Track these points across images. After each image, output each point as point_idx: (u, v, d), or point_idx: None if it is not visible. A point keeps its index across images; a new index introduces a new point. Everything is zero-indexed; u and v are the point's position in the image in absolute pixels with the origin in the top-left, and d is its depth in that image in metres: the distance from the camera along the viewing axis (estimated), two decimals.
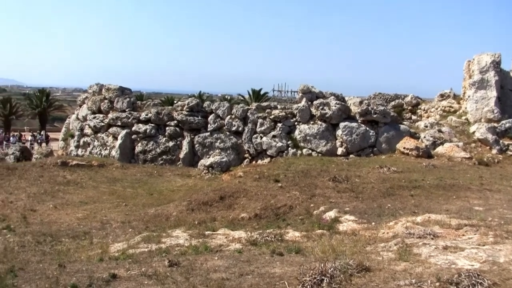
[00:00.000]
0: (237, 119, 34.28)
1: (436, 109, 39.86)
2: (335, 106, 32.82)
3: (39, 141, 57.36)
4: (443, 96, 39.95)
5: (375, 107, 33.13)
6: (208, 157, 33.02)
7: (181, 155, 34.03)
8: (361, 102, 34.38)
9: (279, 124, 33.40)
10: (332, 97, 34.71)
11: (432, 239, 11.29)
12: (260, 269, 10.03)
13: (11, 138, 58.39)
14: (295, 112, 33.61)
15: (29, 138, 59.10)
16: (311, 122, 33.16)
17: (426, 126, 34.80)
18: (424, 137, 32.04)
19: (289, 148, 32.66)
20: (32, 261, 13.17)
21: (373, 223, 15.06)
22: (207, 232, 15.03)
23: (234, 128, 34.11)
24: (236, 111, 34.47)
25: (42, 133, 61.24)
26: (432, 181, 22.03)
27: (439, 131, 32.77)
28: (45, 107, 72.12)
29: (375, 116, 32.52)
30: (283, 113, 33.62)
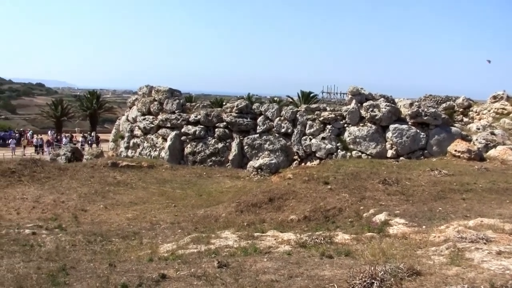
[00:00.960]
0: (286, 121, 34.18)
1: (489, 111, 39.12)
2: (385, 108, 32.43)
3: (89, 142, 58.18)
4: (495, 98, 39.20)
5: (425, 109, 32.60)
6: (257, 159, 33.01)
7: (230, 157, 34.10)
8: (411, 104, 33.84)
9: (329, 126, 33.16)
10: (382, 99, 34.29)
11: (485, 243, 11.01)
12: (310, 272, 9.94)
13: (63, 139, 59.40)
14: (344, 114, 33.33)
15: (80, 139, 60.00)
16: (361, 124, 32.82)
17: (478, 129, 34.13)
18: (476, 139, 31.39)
19: (339, 150, 32.39)
20: (83, 260, 13.34)
21: (423, 227, 14.81)
22: (256, 234, 14.98)
23: (283, 130, 34.01)
24: (286, 113, 34.37)
25: (92, 134, 62.07)
26: (484, 184, 21.56)
27: (492, 133, 32.07)
28: (96, 109, 73.06)
29: (425, 118, 32.02)
30: (333, 115, 33.37)
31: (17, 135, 65.03)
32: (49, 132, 67.23)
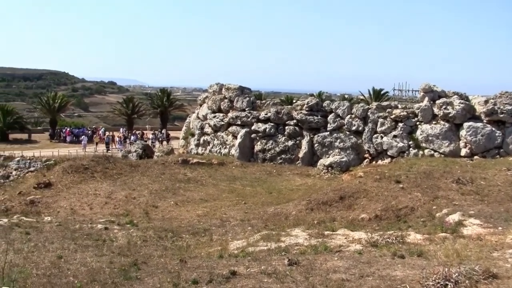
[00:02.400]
0: (357, 119, 33.84)
1: None
2: (459, 106, 31.68)
3: (160, 139, 58.98)
4: None
5: (501, 107, 31.66)
6: (328, 157, 32.82)
7: (300, 155, 34.01)
8: (486, 101, 32.89)
9: (400, 124, 32.63)
10: (455, 96, 33.48)
11: None
12: (381, 271, 9.79)
13: (131, 137, 60.46)
14: (416, 112, 32.72)
15: (151, 136, 60.92)
16: (434, 122, 32.15)
17: None
18: None
19: (410, 149, 31.84)
20: (154, 255, 13.51)
21: (499, 228, 14.34)
22: (326, 232, 14.85)
23: (354, 128, 33.69)
24: (356, 110, 34.03)
25: (163, 131, 62.90)
26: None
27: None
28: (166, 107, 73.87)
29: (501, 116, 31.12)
30: (404, 113, 32.83)
31: (89, 132, 66.59)
32: (120, 129, 68.56)
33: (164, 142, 57.21)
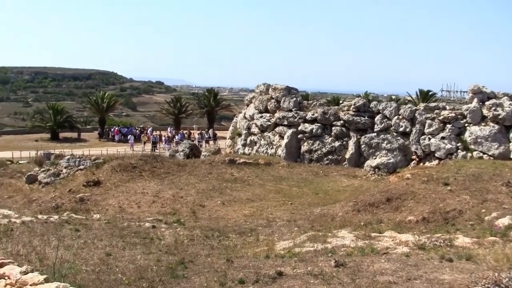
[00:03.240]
0: (404, 120, 33.49)
1: None
2: (509, 107, 31.05)
3: (206, 139, 59.38)
4: None
5: None
6: (375, 158, 32.61)
7: (347, 155, 33.86)
8: None
9: (448, 126, 32.14)
10: (506, 97, 32.82)
11: None
12: (429, 275, 9.74)
13: (176, 136, 61.07)
14: (465, 113, 32.20)
15: (197, 136, 61.41)
16: (483, 124, 31.58)
17: None
18: None
19: (459, 151, 31.35)
20: (200, 254, 13.64)
21: None
22: (373, 234, 14.79)
23: (401, 129, 33.35)
24: (404, 111, 33.68)
25: (209, 131, 63.32)
26: None
27: None
28: (213, 106, 74.45)
29: None
30: (453, 114, 32.34)
31: (137, 131, 67.50)
32: (168, 128, 69.30)
33: (211, 142, 57.59)
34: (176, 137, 60.25)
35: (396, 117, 33.74)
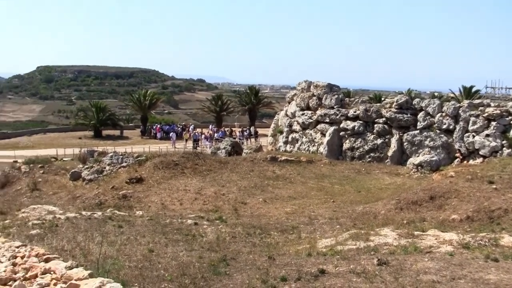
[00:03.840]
0: (448, 117, 33.04)
1: None
2: None
3: (246, 136, 59.44)
4: None
5: None
6: (417, 156, 32.26)
7: (389, 153, 33.59)
8: None
9: (493, 123, 31.57)
10: None
11: None
12: (473, 274, 9.61)
13: (215, 133, 61.29)
14: (510, 110, 31.61)
15: (239, 133, 61.56)
16: None
17: None
18: None
19: (504, 148, 30.78)
20: (242, 251, 13.66)
21: None
22: (416, 232, 14.63)
23: (444, 126, 32.91)
24: (447, 108, 33.24)
25: (251, 129, 63.37)
26: None
27: None
28: (255, 104, 74.49)
29: None
30: (498, 111, 31.76)
31: (179, 129, 67.95)
32: (210, 126, 69.62)
33: (253, 139, 57.64)
34: (216, 134, 60.49)
35: (440, 114, 33.32)
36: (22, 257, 6.81)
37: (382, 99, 39.83)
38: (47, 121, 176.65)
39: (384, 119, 34.60)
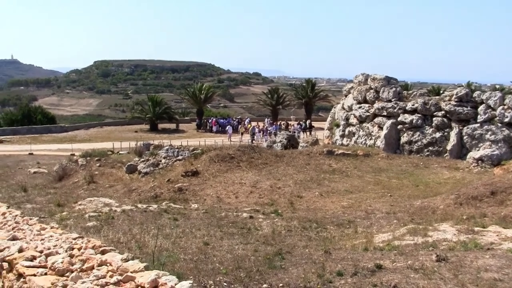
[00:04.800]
0: (510, 110, 32.13)
1: None
2: None
3: (298, 130, 59.29)
4: None
5: None
6: (478, 150, 31.55)
7: (448, 147, 32.95)
8: None
9: None
10: None
11: None
12: None
13: (269, 127, 61.30)
14: None
15: (295, 126, 61.48)
16: None
17: None
18: None
19: None
20: (298, 245, 13.60)
21: None
22: (476, 228, 14.25)
23: (506, 120, 32.05)
24: (509, 101, 32.35)
25: (307, 122, 63.22)
26: None
27: None
28: (311, 97, 74.32)
29: None
30: None
31: (235, 122, 68.26)
32: (265, 119, 69.71)
33: (308, 133, 57.56)
34: (270, 128, 60.58)
35: (501, 107, 32.48)
36: (79, 249, 6.87)
37: (441, 92, 39.15)
38: (103, 115, 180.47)
39: (443, 112, 33.93)
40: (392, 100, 36.39)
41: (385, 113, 36.04)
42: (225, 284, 9.71)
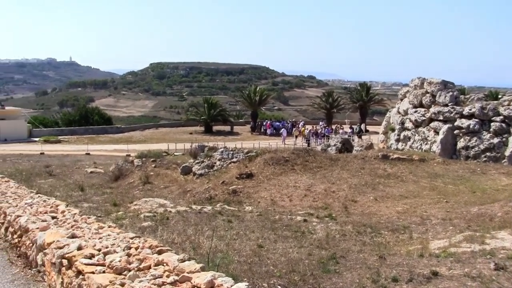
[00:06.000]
0: None
1: None
2: None
3: (357, 133, 58.96)
4: None
5: None
6: None
7: (507, 153, 32.24)
8: None
9: None
10: None
11: None
12: None
13: (320, 130, 61.12)
14: None
15: (348, 130, 61.23)
16: None
17: None
18: None
19: None
20: (352, 250, 13.54)
21: None
22: None
23: None
24: None
25: (362, 126, 62.90)
26: None
27: None
28: (365, 101, 73.95)
29: None
30: None
31: (289, 125, 68.32)
32: (320, 123, 69.61)
33: (364, 137, 57.27)
34: (324, 131, 60.46)
35: None
36: (136, 248, 6.99)
37: (499, 96, 38.45)
38: (159, 117, 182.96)
39: (501, 117, 33.23)
40: (449, 104, 35.82)
41: (441, 118, 35.49)
42: (279, 287, 9.74)
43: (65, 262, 7.03)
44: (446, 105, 35.87)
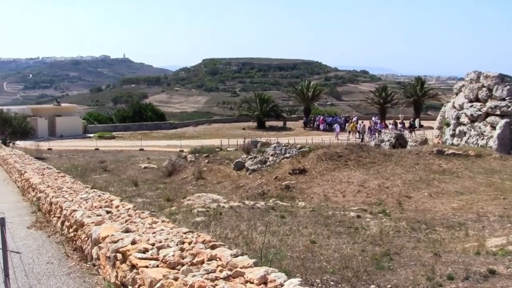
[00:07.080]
0: None
1: None
2: None
3: (400, 129, 58.27)
4: None
5: None
6: None
7: None
8: None
9: None
10: None
11: None
12: None
13: (373, 126, 60.57)
14: None
15: (391, 125, 60.61)
16: None
17: None
18: None
19: None
20: (406, 247, 13.39)
21: None
22: None
23: None
24: None
25: (416, 121, 62.13)
26: None
27: None
28: (420, 96, 72.97)
29: None
30: None
31: (342, 120, 67.96)
32: (373, 118, 69.01)
33: (418, 132, 56.61)
34: (377, 126, 59.93)
35: None
36: (189, 243, 7.01)
37: None
38: (212, 112, 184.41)
39: None
40: (506, 98, 35.00)
41: (498, 112, 34.71)
42: (332, 283, 9.68)
43: (119, 256, 7.10)
44: (504, 99, 35.07)
